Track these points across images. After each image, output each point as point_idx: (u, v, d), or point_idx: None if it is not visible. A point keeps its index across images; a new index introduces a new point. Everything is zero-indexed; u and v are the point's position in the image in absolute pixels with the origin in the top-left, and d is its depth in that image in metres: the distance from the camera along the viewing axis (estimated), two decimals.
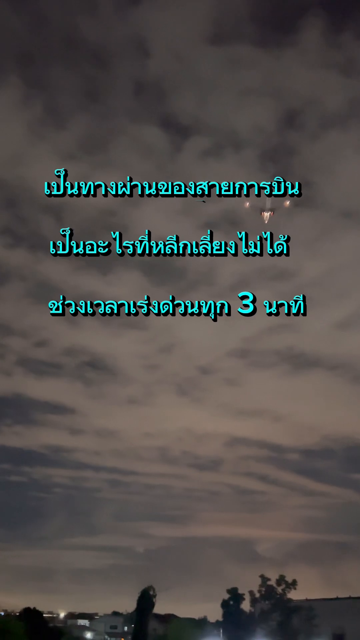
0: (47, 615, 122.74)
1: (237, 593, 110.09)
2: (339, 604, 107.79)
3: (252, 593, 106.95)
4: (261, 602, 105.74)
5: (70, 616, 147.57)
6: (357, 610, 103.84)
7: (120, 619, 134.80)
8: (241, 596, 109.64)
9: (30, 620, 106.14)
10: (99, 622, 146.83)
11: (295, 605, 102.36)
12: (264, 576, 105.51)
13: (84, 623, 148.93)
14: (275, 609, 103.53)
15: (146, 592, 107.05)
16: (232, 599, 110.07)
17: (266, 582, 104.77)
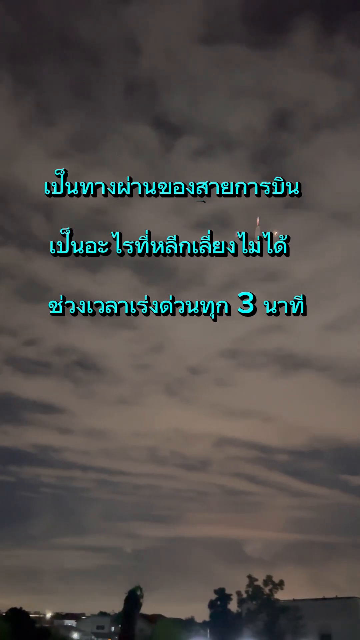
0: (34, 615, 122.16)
1: (225, 593, 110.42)
2: (325, 604, 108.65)
3: (239, 593, 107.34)
4: (248, 603, 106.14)
5: (57, 616, 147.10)
6: (344, 610, 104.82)
7: (107, 619, 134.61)
8: (228, 596, 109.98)
9: (16, 620, 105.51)
10: (86, 622, 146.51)
11: (282, 605, 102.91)
12: (251, 576, 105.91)
13: (71, 623, 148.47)
14: (262, 609, 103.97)
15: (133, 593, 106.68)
16: (219, 599, 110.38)
17: (253, 582, 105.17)
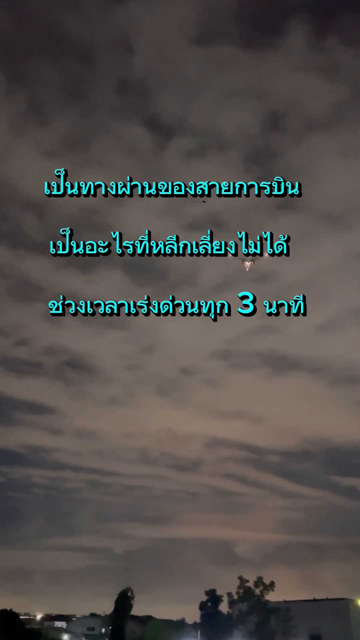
0: (24, 617, 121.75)
1: (215, 595, 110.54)
2: (316, 605, 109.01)
3: (230, 595, 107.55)
4: (239, 604, 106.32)
5: (48, 618, 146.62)
6: (334, 611, 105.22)
7: (97, 620, 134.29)
8: (219, 598, 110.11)
9: (6, 622, 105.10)
10: (76, 623, 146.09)
11: (272, 606, 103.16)
12: (242, 578, 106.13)
13: (61, 625, 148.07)
14: (253, 610, 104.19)
15: (124, 594, 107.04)
16: (210, 600, 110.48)
17: (244, 583, 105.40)
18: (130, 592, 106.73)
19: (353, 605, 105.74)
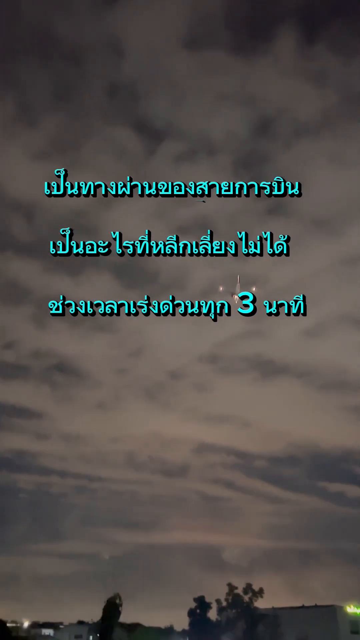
0: (11, 624, 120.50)
1: (204, 601, 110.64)
2: (304, 612, 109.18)
3: (218, 601, 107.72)
4: (227, 611, 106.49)
5: (35, 625, 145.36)
6: (322, 618, 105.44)
7: (85, 628, 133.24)
8: (208, 604, 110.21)
9: None
10: (64, 631, 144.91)
11: (261, 613, 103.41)
12: (231, 585, 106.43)
13: (49, 633, 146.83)
14: (241, 617, 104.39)
15: (112, 601, 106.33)
16: (198, 607, 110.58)
17: (233, 590, 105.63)
18: (119, 598, 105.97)
19: (341, 612, 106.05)
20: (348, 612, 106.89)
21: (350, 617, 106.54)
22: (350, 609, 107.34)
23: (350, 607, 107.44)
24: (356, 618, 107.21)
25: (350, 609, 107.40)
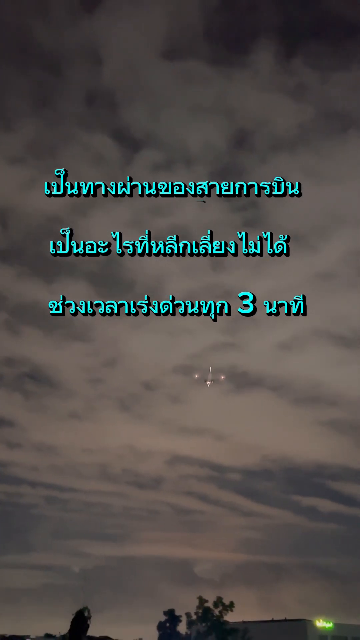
0: None
1: (174, 615, 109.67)
2: (274, 626, 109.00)
3: (188, 615, 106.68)
4: (197, 624, 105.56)
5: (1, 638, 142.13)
6: (292, 632, 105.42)
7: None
8: (178, 618, 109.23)
9: None
10: None
11: (231, 627, 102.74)
12: (201, 598, 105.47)
13: None
14: (211, 631, 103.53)
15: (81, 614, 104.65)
16: (168, 620, 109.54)
17: (204, 603, 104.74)
18: (87, 611, 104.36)
19: (311, 626, 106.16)
20: (317, 627, 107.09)
21: (319, 632, 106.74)
22: (320, 623, 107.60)
23: (319, 622, 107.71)
24: (325, 632, 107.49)
25: (320, 623, 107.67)
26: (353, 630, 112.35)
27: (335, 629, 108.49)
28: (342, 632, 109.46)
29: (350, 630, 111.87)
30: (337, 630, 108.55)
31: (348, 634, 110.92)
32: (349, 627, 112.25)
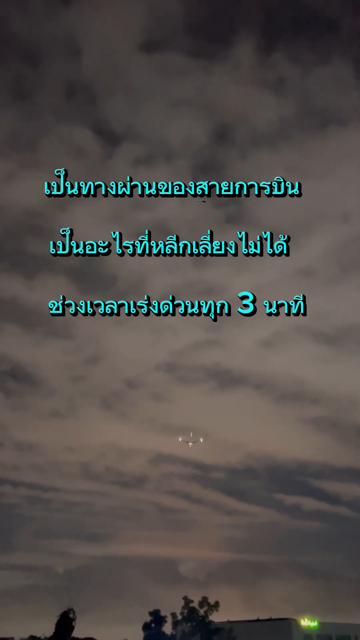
0: None
1: (159, 615, 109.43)
2: (259, 625, 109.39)
3: (174, 615, 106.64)
4: (183, 624, 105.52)
5: None
6: (277, 631, 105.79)
7: None
8: (163, 618, 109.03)
9: None
10: None
11: (216, 627, 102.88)
12: (187, 598, 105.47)
13: None
14: (197, 631, 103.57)
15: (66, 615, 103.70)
16: (153, 621, 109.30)
17: (189, 604, 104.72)
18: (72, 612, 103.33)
19: (296, 625, 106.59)
20: (302, 626, 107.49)
21: (304, 630, 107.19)
22: (305, 622, 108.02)
23: (304, 620, 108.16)
24: (310, 631, 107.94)
25: (305, 622, 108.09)
26: (337, 628, 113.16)
27: (320, 627, 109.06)
28: (326, 630, 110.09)
29: (334, 628, 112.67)
30: (321, 629, 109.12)
31: (332, 633, 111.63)
32: (333, 625, 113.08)
